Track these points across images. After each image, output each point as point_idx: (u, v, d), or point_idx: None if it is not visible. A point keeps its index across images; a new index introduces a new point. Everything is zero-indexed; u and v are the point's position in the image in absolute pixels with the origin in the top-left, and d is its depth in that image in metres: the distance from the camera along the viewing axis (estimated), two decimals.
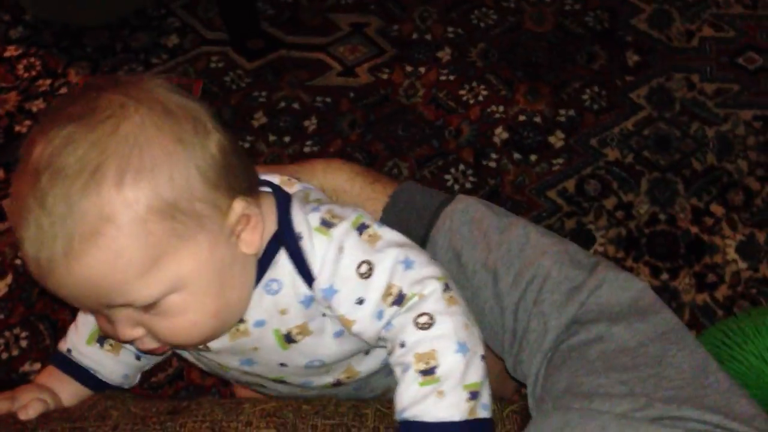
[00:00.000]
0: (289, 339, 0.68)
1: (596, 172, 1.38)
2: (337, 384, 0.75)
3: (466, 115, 1.49)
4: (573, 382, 0.65)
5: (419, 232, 0.79)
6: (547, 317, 0.71)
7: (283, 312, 0.66)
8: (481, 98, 1.51)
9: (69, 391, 0.76)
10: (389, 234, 0.67)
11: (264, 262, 0.65)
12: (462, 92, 1.52)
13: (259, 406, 0.69)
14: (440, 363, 0.62)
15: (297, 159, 1.44)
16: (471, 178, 1.40)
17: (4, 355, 1.25)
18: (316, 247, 0.64)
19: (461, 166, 1.42)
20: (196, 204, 0.58)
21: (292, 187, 0.71)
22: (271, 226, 0.66)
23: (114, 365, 0.77)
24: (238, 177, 0.62)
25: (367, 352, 0.74)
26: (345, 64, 1.61)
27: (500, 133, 1.45)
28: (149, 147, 0.56)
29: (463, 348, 0.63)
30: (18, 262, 1.34)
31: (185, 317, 0.61)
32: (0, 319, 1.29)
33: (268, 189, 0.69)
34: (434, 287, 0.65)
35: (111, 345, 0.77)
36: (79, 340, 0.77)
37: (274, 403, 0.69)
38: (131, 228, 0.55)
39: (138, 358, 0.79)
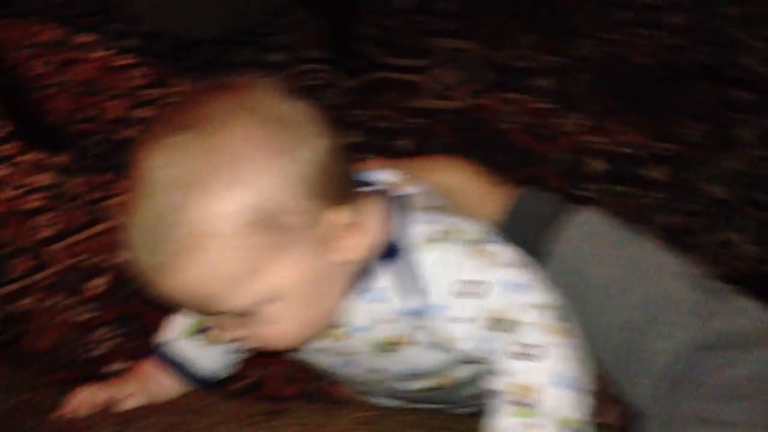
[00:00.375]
0: (384, 348, 0.67)
1: (700, 209, 1.32)
2: (435, 388, 0.74)
3: (563, 143, 1.46)
4: (699, 407, 0.61)
5: (537, 241, 0.77)
6: (669, 339, 0.69)
7: (382, 322, 0.66)
8: (579, 128, 1.48)
9: (164, 385, 0.76)
10: (504, 251, 0.65)
11: (369, 270, 0.64)
12: (561, 121, 1.50)
13: (359, 413, 0.68)
14: (540, 397, 0.59)
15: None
16: None
17: (95, 352, 1.29)
18: (427, 262, 0.62)
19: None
20: (296, 215, 0.58)
21: (409, 188, 0.69)
22: (378, 232, 0.64)
23: (210, 358, 0.78)
24: (342, 184, 0.61)
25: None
26: (443, 88, 1.61)
27: (599, 164, 1.42)
28: (253, 159, 0.56)
29: (566, 382, 0.60)
30: (117, 260, 1.39)
31: (280, 326, 0.61)
32: (96, 316, 1.33)
33: (378, 191, 0.68)
34: (544, 316, 0.62)
35: (208, 338, 0.78)
36: (176, 334, 0.78)
37: (375, 411, 0.68)
38: (230, 241, 0.56)
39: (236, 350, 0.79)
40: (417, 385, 0.73)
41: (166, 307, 0.69)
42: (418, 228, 0.64)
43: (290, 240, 0.58)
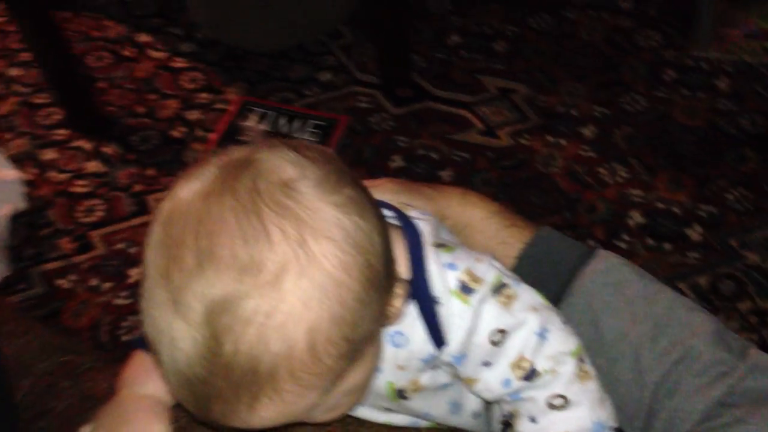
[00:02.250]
0: (401, 395, 0.65)
1: (733, 273, 1.33)
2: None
3: (603, 193, 1.48)
4: None
5: (554, 287, 0.74)
6: (692, 399, 0.68)
7: (401, 367, 0.63)
8: (620, 179, 1.50)
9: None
10: (526, 295, 0.63)
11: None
12: (601, 170, 1.52)
13: (376, 428, 0.69)
14: None
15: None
16: None
17: (125, 338, 1.31)
18: (454, 315, 0.60)
19: (591, 242, 1.40)
20: (373, 328, 0.54)
21: (415, 216, 0.64)
22: (402, 271, 0.59)
23: None
24: (392, 258, 0.56)
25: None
26: (487, 125, 1.64)
27: (636, 217, 1.43)
28: (330, 316, 0.49)
29: (598, 427, 0.62)
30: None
31: (347, 406, 0.60)
32: (128, 303, 1.35)
33: (394, 220, 0.63)
34: (569, 365, 0.62)
35: None
36: None
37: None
38: (314, 380, 0.50)
39: None
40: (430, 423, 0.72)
41: None
42: (446, 276, 0.60)
43: (366, 349, 0.54)
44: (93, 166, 1.59)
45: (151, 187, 1.54)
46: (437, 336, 0.60)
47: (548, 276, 0.75)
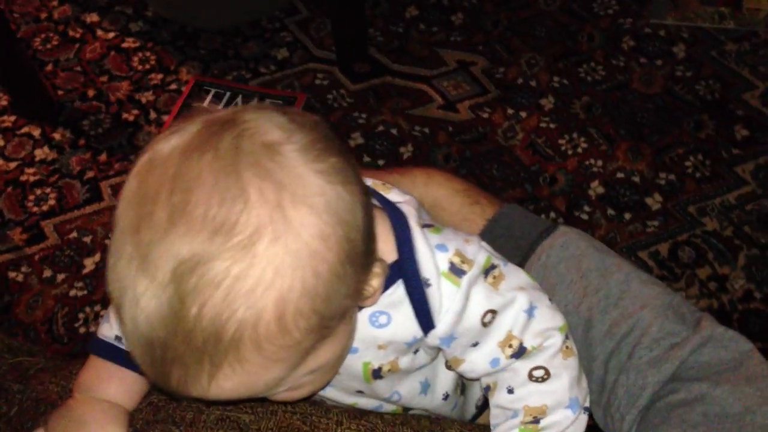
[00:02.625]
0: (376, 374, 0.64)
1: (692, 240, 1.34)
2: (407, 410, 0.73)
3: (563, 164, 1.48)
4: None
5: (514, 261, 0.73)
6: (645, 373, 0.68)
7: (381, 347, 0.62)
8: (580, 150, 1.50)
9: (131, 389, 0.64)
10: (514, 275, 0.63)
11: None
12: (561, 141, 1.51)
13: (343, 407, 0.68)
14: (548, 416, 0.61)
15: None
16: None
17: (82, 330, 1.27)
18: (444, 297, 0.58)
19: (552, 214, 1.40)
20: (346, 305, 0.51)
21: (396, 197, 0.63)
22: (388, 252, 0.58)
23: None
24: (373, 236, 0.53)
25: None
26: (447, 99, 1.62)
27: (596, 187, 1.43)
28: (302, 286, 0.46)
29: (573, 404, 0.62)
30: (108, 242, 1.37)
31: (313, 386, 0.58)
32: (84, 294, 1.32)
33: (377, 203, 0.61)
34: (555, 340, 0.62)
35: None
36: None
37: (356, 409, 0.68)
38: (281, 352, 0.48)
39: None
40: (395, 407, 0.72)
41: None
42: (435, 258, 0.59)
43: (337, 325, 0.52)
44: (42, 152, 1.54)
45: (104, 173, 1.50)
46: (426, 319, 0.59)
47: (508, 251, 0.75)
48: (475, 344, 0.62)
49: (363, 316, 0.59)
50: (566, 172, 1.46)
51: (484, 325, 0.60)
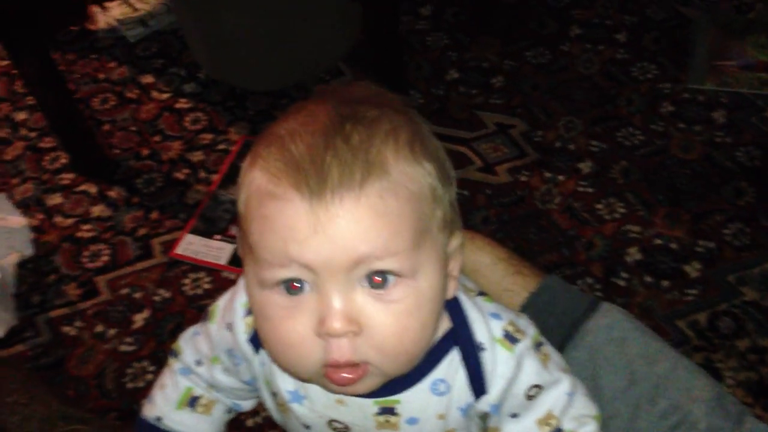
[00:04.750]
0: None
1: (731, 310, 1.34)
2: None
3: (600, 229, 1.49)
4: None
5: (557, 340, 0.76)
6: None
7: (441, 416, 0.63)
8: (617, 215, 1.51)
9: None
10: (557, 356, 0.66)
11: (434, 359, 0.62)
12: (599, 206, 1.53)
13: None
14: None
15: None
16: (598, 293, 1.40)
17: (130, 385, 1.32)
18: (499, 363, 0.61)
19: (589, 279, 1.42)
20: (448, 207, 0.59)
21: None
22: (442, 319, 0.62)
23: (208, 426, 0.75)
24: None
25: None
26: (486, 161, 1.65)
27: (634, 253, 1.44)
28: (430, 139, 0.60)
29: None
30: (156, 298, 1.43)
31: (401, 320, 0.55)
32: (133, 350, 1.37)
33: None
34: (591, 428, 0.64)
35: (203, 405, 0.74)
36: (169, 405, 0.75)
37: None
38: (417, 189, 0.55)
39: (227, 411, 0.77)
40: None
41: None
42: (490, 325, 0.62)
43: (438, 227, 0.57)
44: (98, 210, 1.61)
45: (155, 231, 1.57)
46: (479, 384, 0.62)
47: (551, 328, 0.77)
48: (515, 416, 0.63)
49: (425, 385, 0.62)
50: (603, 237, 1.48)
51: (528, 398, 0.63)
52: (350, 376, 0.55)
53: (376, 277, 0.54)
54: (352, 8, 1.71)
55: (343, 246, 0.53)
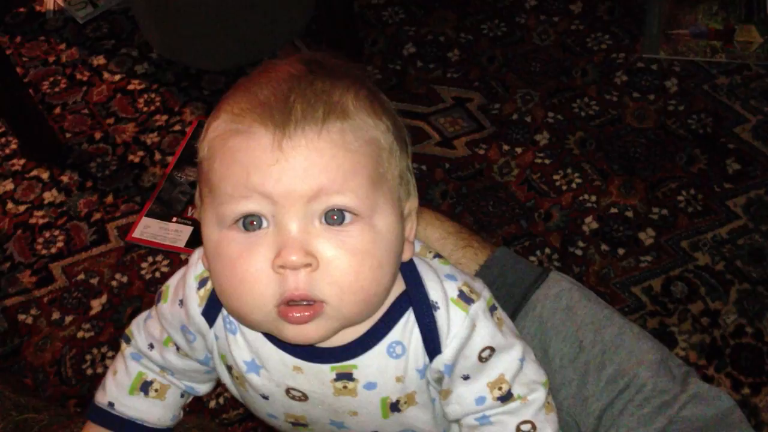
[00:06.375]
0: (394, 408, 0.65)
1: (684, 275, 1.37)
2: None
3: (557, 200, 1.51)
4: None
5: (507, 310, 0.75)
6: (635, 430, 0.71)
7: (398, 379, 0.63)
8: (574, 185, 1.53)
9: None
10: (509, 322, 0.66)
11: (388, 321, 0.62)
12: (556, 177, 1.54)
13: None
14: None
15: None
16: (556, 263, 1.41)
17: (89, 371, 1.31)
18: (453, 322, 0.61)
19: (547, 250, 1.43)
20: (405, 168, 0.61)
21: None
22: (395, 284, 0.61)
23: (162, 410, 0.74)
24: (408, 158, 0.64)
25: None
26: (444, 135, 1.65)
27: (590, 223, 1.46)
28: (388, 104, 0.62)
29: None
30: (114, 283, 1.41)
31: (357, 257, 0.55)
32: (91, 336, 1.35)
33: None
34: (540, 394, 0.65)
35: (156, 390, 0.74)
36: (121, 391, 0.74)
37: None
38: (375, 137, 0.57)
39: (182, 395, 0.76)
40: None
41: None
42: (444, 285, 0.62)
43: (391, 182, 0.59)
44: (51, 195, 1.58)
45: (110, 215, 1.54)
46: (433, 343, 0.62)
47: (502, 298, 0.78)
48: (466, 377, 0.63)
49: (381, 348, 0.62)
50: (561, 207, 1.49)
51: (481, 360, 0.63)
52: (305, 313, 0.55)
53: (334, 215, 0.55)
54: None
55: (304, 175, 0.54)
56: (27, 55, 1.87)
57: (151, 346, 0.73)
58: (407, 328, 0.62)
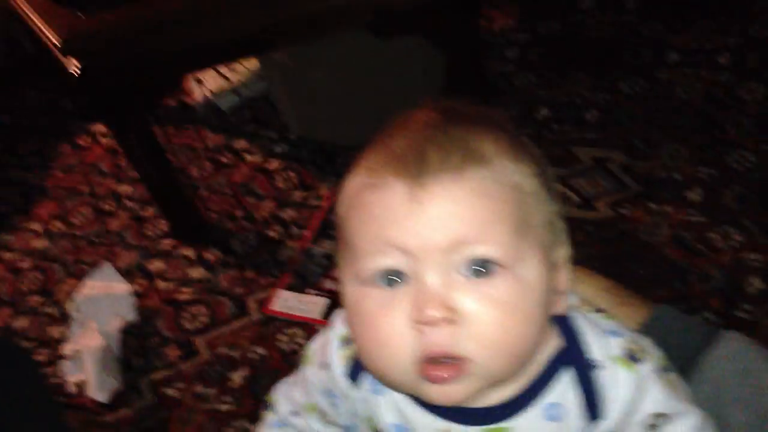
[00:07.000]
0: None
1: None
2: None
3: (716, 259, 1.37)
4: None
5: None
6: None
7: None
8: (734, 243, 1.39)
9: None
10: (684, 385, 0.59)
11: (545, 380, 0.58)
12: (712, 235, 1.42)
13: None
14: None
15: None
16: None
17: None
18: (618, 384, 0.57)
19: (707, 314, 1.30)
20: (554, 215, 0.57)
21: None
22: (553, 340, 0.58)
23: None
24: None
25: None
26: (584, 197, 1.57)
27: (756, 283, 1.32)
28: (532, 147, 0.59)
29: None
30: (253, 356, 1.42)
31: (502, 310, 0.52)
32: (231, 410, 1.36)
33: None
34: None
35: None
36: None
37: None
38: (518, 182, 0.54)
39: None
40: None
41: None
42: (608, 342, 0.58)
43: (538, 228, 0.55)
44: (196, 272, 1.64)
45: (250, 289, 1.57)
46: (594, 407, 0.57)
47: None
48: None
49: (538, 410, 0.58)
50: (720, 267, 1.36)
51: (651, 427, 0.57)
52: (448, 373, 0.52)
53: (475, 266, 0.52)
54: (434, 59, 1.70)
55: (441, 226, 0.52)
56: (176, 143, 2.00)
57: (295, 413, 0.72)
58: (566, 388, 0.58)
